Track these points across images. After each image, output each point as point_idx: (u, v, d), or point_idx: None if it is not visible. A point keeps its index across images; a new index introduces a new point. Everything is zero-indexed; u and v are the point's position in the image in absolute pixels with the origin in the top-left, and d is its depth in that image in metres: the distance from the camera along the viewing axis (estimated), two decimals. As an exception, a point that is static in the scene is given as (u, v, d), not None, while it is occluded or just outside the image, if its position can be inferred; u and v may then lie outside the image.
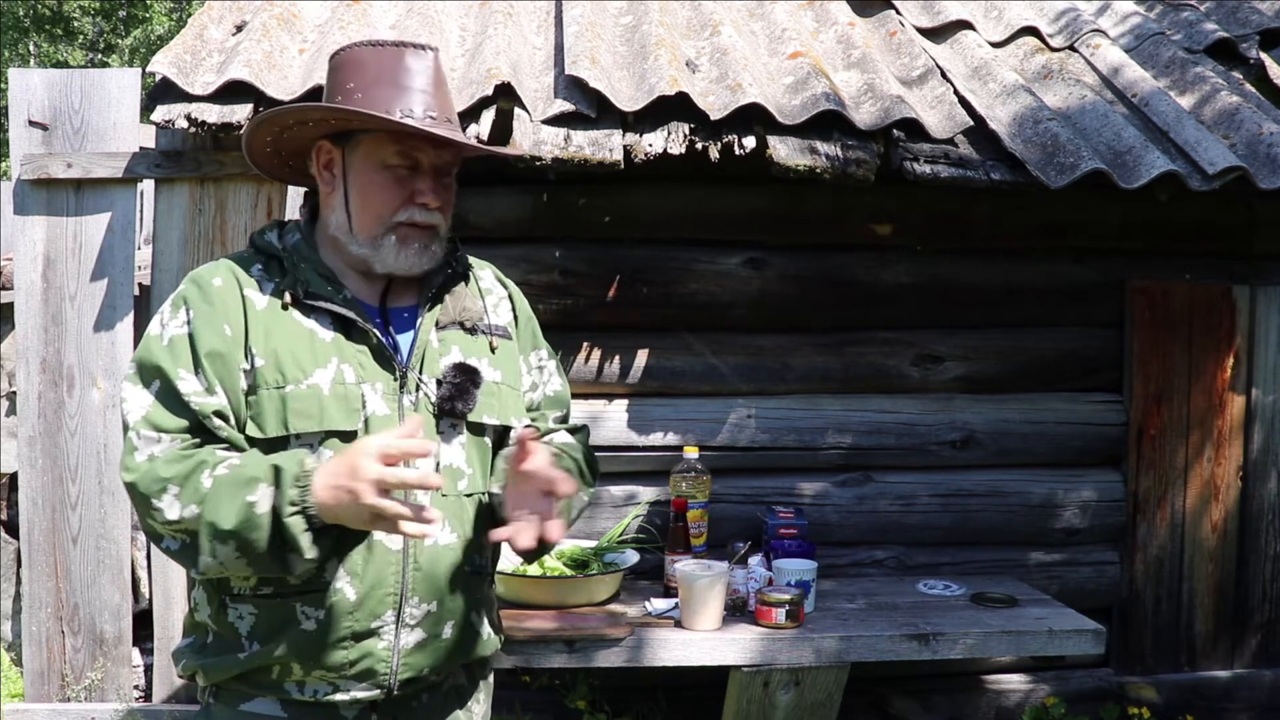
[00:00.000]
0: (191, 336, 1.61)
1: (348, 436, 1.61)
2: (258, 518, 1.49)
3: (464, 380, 1.68)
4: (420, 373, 1.68)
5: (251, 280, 1.68)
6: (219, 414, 1.59)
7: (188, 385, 1.58)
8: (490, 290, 1.85)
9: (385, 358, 1.67)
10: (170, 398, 1.58)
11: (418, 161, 1.68)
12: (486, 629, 1.77)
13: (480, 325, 1.78)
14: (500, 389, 1.75)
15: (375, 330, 1.67)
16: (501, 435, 1.78)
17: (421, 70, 1.69)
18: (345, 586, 1.60)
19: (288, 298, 1.65)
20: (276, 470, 1.51)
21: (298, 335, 1.64)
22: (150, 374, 1.60)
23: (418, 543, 1.63)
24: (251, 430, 1.60)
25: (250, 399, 1.61)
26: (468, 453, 1.71)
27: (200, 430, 1.58)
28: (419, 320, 1.73)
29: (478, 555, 1.73)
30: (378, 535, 1.61)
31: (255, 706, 1.65)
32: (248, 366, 1.61)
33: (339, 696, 1.63)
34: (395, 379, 1.66)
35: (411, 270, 1.69)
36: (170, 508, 1.52)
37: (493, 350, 1.77)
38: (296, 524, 1.50)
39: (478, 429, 1.73)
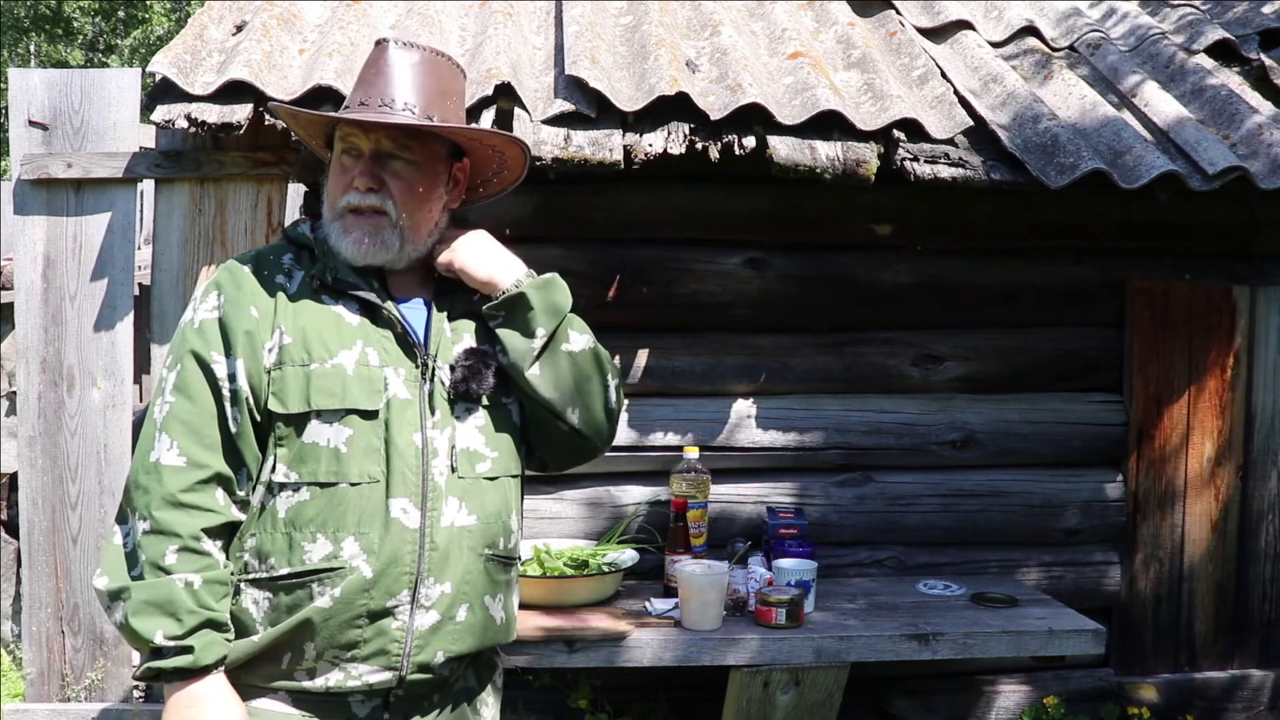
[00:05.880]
0: (222, 320, 1.67)
1: (369, 415, 1.66)
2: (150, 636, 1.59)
3: (476, 363, 1.74)
4: (435, 359, 1.73)
5: (283, 267, 1.74)
6: (237, 395, 1.65)
7: (220, 369, 1.65)
8: None
9: (408, 345, 1.72)
10: (198, 382, 1.65)
11: (358, 149, 1.72)
12: (502, 615, 1.78)
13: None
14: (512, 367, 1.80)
15: (400, 318, 1.72)
16: (526, 417, 1.82)
17: (374, 63, 1.74)
18: (361, 565, 1.63)
19: (316, 283, 1.71)
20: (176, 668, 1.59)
21: (325, 317, 1.70)
22: (181, 358, 1.67)
23: (434, 522, 1.67)
24: (274, 405, 1.65)
25: (274, 374, 1.66)
26: (487, 436, 1.74)
27: (221, 417, 1.64)
28: (430, 311, 1.78)
29: (501, 539, 1.76)
30: (394, 513, 1.64)
31: (263, 703, 1.66)
32: (273, 344, 1.67)
33: (351, 683, 1.64)
34: (417, 366, 1.71)
35: (357, 259, 1.72)
36: (117, 570, 1.61)
37: None
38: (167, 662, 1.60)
39: (499, 409, 1.77)
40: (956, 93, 3.07)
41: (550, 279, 1.81)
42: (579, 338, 1.81)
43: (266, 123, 2.80)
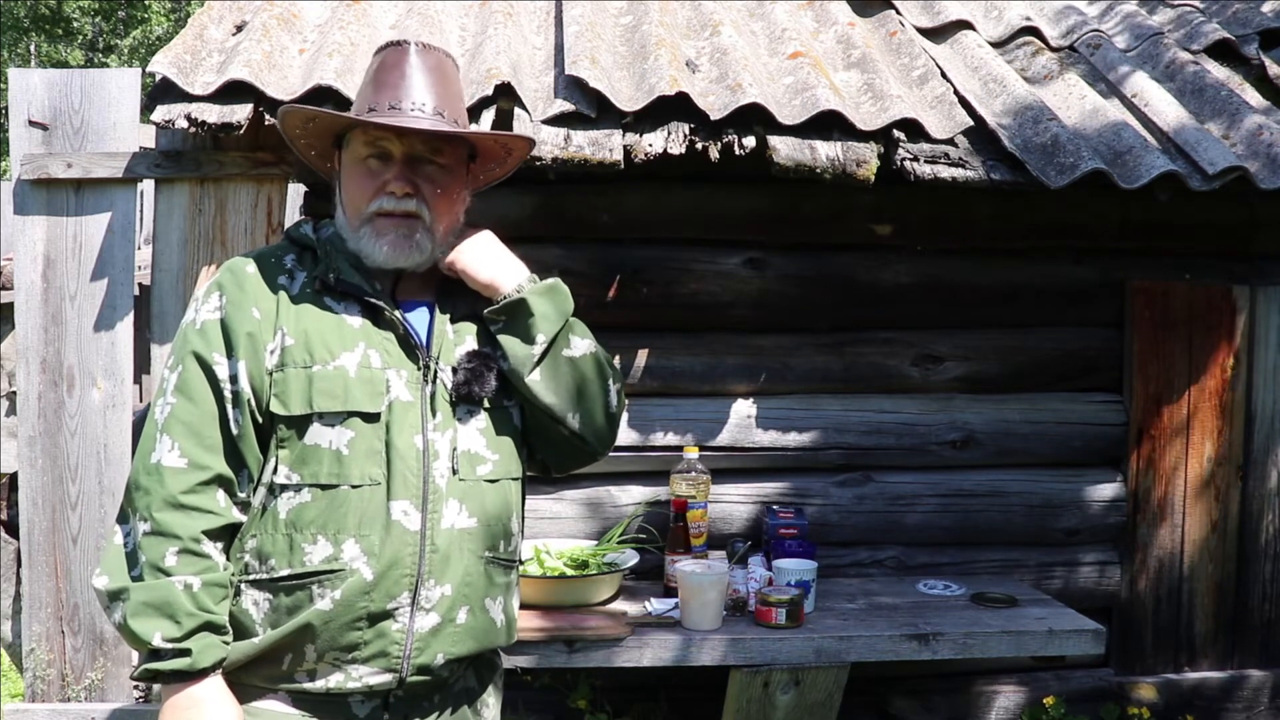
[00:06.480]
0: (224, 321, 1.67)
1: (370, 418, 1.66)
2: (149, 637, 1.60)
3: (478, 365, 1.74)
4: (437, 362, 1.73)
5: (285, 268, 1.74)
6: (239, 397, 1.65)
7: (222, 370, 1.65)
8: None
9: (410, 347, 1.72)
10: (200, 383, 1.65)
11: (387, 152, 1.73)
12: (502, 618, 1.78)
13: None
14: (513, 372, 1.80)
15: (401, 320, 1.72)
16: (527, 421, 1.82)
17: (397, 65, 1.74)
18: (362, 567, 1.63)
19: (319, 284, 1.71)
20: (175, 671, 1.60)
21: (327, 319, 1.70)
22: (183, 358, 1.67)
23: (435, 524, 1.67)
24: (275, 407, 1.65)
25: (276, 376, 1.66)
26: (488, 439, 1.75)
27: (223, 419, 1.64)
28: (433, 313, 1.78)
29: (501, 542, 1.76)
30: (395, 516, 1.64)
31: (263, 704, 1.67)
32: (275, 346, 1.67)
33: (351, 685, 1.64)
34: (419, 368, 1.71)
35: (390, 262, 1.73)
36: (117, 571, 1.61)
37: None
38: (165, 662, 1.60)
39: (501, 412, 1.77)
40: (956, 93, 3.07)
41: (552, 284, 1.81)
42: (580, 343, 1.81)
43: (267, 123, 2.80)
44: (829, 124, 2.83)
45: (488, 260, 1.79)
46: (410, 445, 1.67)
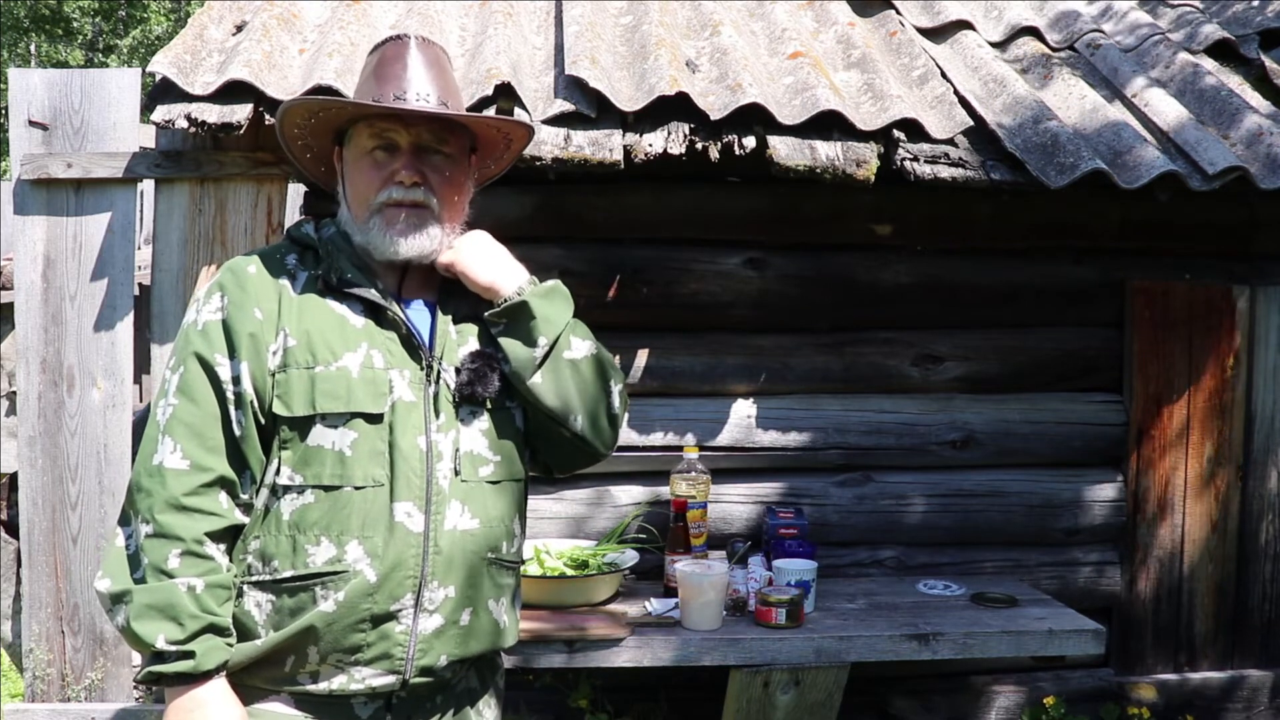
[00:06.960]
0: (226, 322, 1.67)
1: (374, 419, 1.66)
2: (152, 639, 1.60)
3: (482, 365, 1.73)
4: (440, 362, 1.73)
5: (286, 268, 1.74)
6: (242, 398, 1.65)
7: (224, 371, 1.65)
8: None
9: (413, 347, 1.72)
10: (202, 384, 1.65)
11: (394, 143, 1.73)
12: (505, 619, 1.78)
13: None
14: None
15: (404, 319, 1.71)
16: (529, 422, 1.81)
17: (399, 58, 1.75)
18: (365, 568, 1.63)
19: (321, 284, 1.71)
20: (179, 674, 1.59)
21: (329, 319, 1.69)
22: (184, 359, 1.67)
23: (438, 526, 1.67)
24: (278, 408, 1.65)
25: (279, 377, 1.65)
26: (490, 440, 1.74)
27: (225, 420, 1.64)
28: (435, 313, 1.78)
29: (504, 543, 1.75)
30: (399, 517, 1.64)
31: (267, 706, 1.66)
32: (277, 347, 1.66)
33: (354, 686, 1.64)
34: (422, 368, 1.70)
35: (401, 251, 1.72)
36: (120, 573, 1.61)
37: None
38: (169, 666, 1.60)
39: (503, 413, 1.77)
40: (956, 93, 3.07)
41: (552, 287, 1.80)
42: (581, 344, 1.81)
43: (267, 122, 2.80)
44: (829, 124, 2.83)
45: (487, 261, 1.78)
46: (414, 446, 1.67)
